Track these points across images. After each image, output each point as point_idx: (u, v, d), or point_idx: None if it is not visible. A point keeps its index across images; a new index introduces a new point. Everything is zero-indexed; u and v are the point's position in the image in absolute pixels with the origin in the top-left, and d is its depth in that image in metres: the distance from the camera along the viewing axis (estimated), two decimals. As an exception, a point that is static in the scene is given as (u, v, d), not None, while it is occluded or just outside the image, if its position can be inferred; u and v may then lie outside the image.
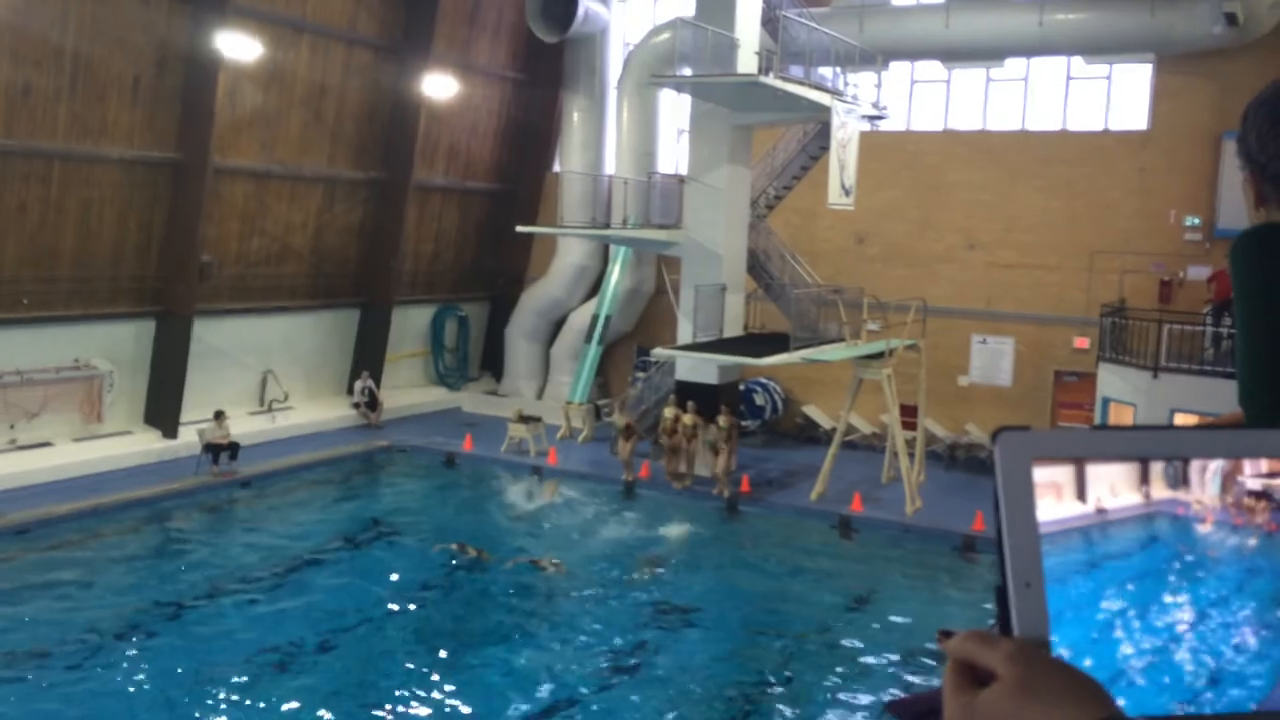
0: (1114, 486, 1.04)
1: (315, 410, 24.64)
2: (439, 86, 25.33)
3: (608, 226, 23.18)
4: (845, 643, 14.53)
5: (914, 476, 19.91)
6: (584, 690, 12.77)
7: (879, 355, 19.80)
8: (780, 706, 12.62)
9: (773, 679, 13.44)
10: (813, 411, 25.67)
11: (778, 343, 20.13)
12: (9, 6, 17.83)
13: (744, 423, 24.03)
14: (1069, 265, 23.64)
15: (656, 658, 13.93)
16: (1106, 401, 20.01)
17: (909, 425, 21.07)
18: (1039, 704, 0.90)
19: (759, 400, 25.33)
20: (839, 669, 13.65)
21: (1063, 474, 1.05)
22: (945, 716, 0.95)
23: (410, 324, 27.52)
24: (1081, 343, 23.17)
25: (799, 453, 23.82)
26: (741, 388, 23.90)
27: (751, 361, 20.21)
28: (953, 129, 25.22)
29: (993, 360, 24.47)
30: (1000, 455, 0.98)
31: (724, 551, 18.51)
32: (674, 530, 19.13)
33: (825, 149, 21.06)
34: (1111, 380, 19.93)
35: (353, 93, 24.52)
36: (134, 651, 13.16)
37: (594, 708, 12.29)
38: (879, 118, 23.03)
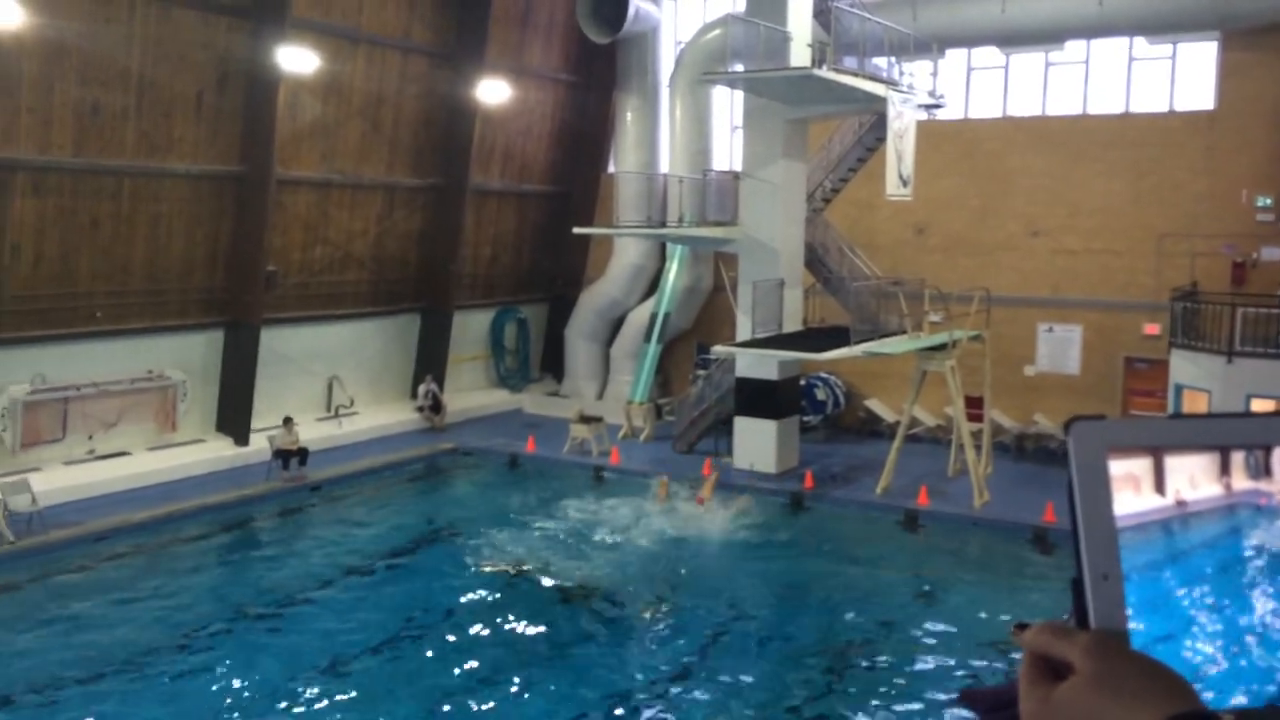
0: (1194, 478, 1.03)
1: (380, 415, 24.99)
2: (493, 91, 25.54)
3: (664, 225, 23.16)
4: (912, 637, 14.38)
5: (981, 469, 19.63)
6: (652, 685, 12.79)
7: (942, 347, 19.55)
8: (845, 702, 12.53)
9: (838, 674, 13.35)
10: (875, 405, 25.43)
11: (838, 337, 19.97)
12: (76, 31, 18.34)
13: (805, 418, 23.90)
14: (1137, 250, 23.14)
15: (721, 655, 13.91)
16: (1179, 388, 19.56)
17: (975, 417, 20.79)
18: (1118, 698, 0.88)
19: (820, 395, 25.16)
20: (905, 664, 13.51)
21: (1141, 466, 1.04)
22: (1021, 711, 0.94)
23: (471, 327, 27.78)
24: (1152, 329, 22.66)
25: (862, 447, 23.61)
26: (802, 383, 23.76)
27: (811, 356, 20.07)
28: (1012, 115, 24.80)
29: (1060, 348, 24.03)
30: (1075, 445, 0.97)
31: (789, 546, 18.42)
32: (738, 525, 19.07)
33: (882, 140, 20.84)
34: (1184, 366, 19.47)
35: (409, 100, 24.82)
36: (211, 655, 13.46)
37: (661, 703, 12.30)
38: (936, 106, 22.73)
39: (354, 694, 12.44)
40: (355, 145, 23.94)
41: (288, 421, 21.23)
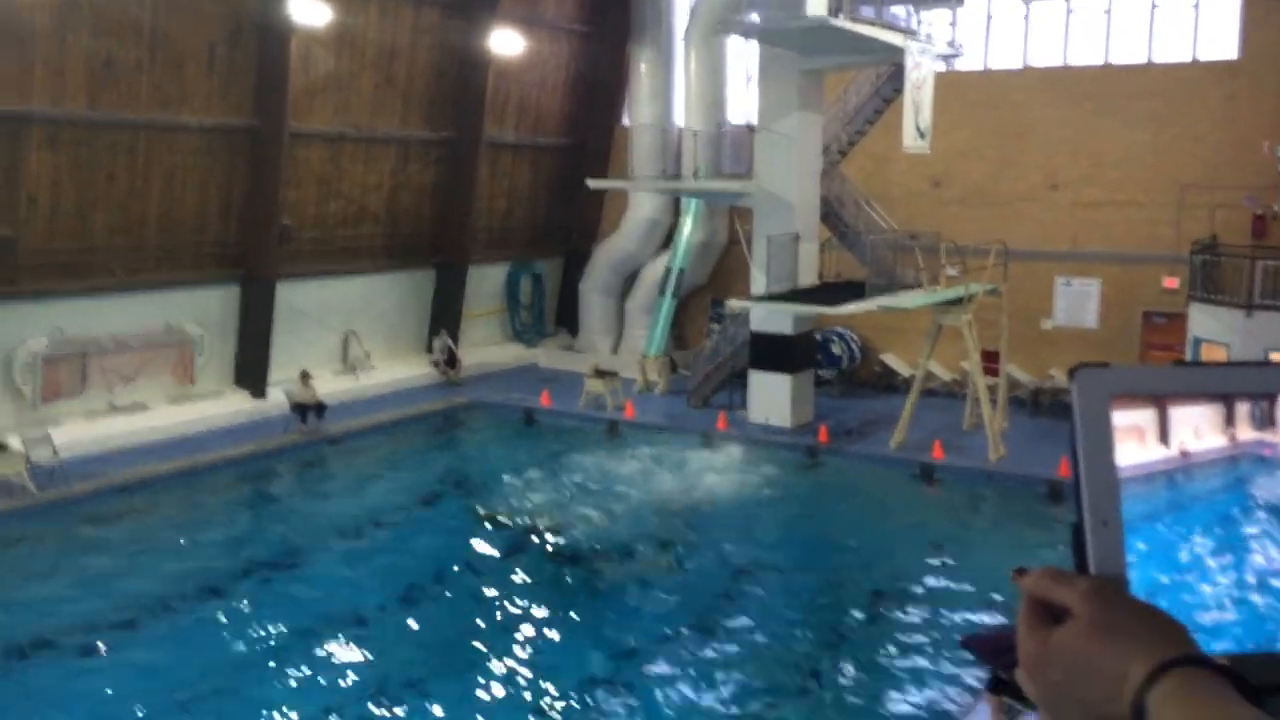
0: (1198, 429, 1.03)
1: (396, 369, 25.09)
2: (506, 42, 25.30)
3: (678, 178, 23.05)
4: (926, 588, 14.47)
5: (996, 423, 19.62)
6: (665, 638, 12.94)
7: (958, 301, 19.45)
8: (859, 653, 12.65)
9: (852, 626, 13.46)
10: (891, 360, 25.38)
11: (853, 291, 19.89)
12: (89, -19, 18.24)
13: (820, 372, 23.89)
14: (1157, 201, 22.88)
15: (735, 607, 14.04)
16: (1198, 342, 19.44)
17: (991, 371, 20.73)
18: (1114, 641, 0.89)
19: (836, 350, 25.12)
20: (919, 615, 13.61)
21: (1146, 418, 1.05)
22: (1020, 654, 0.95)
23: (485, 282, 27.77)
24: (1171, 282, 22.47)
25: (878, 401, 23.60)
26: (818, 337, 23.72)
27: (827, 310, 20.02)
28: (1032, 65, 24.45)
29: (1078, 302, 23.88)
30: (1078, 392, 0.98)
31: (803, 500, 18.50)
32: (753, 479, 19.17)
33: (899, 91, 20.60)
34: (1203, 320, 19.33)
35: (422, 53, 24.64)
36: (230, 605, 13.66)
37: (671, 658, 12.45)
38: (954, 56, 22.44)
39: (368, 645, 12.62)
40: (368, 98, 23.82)
41: (305, 376, 21.35)
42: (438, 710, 11.07)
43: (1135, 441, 1.04)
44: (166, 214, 20.61)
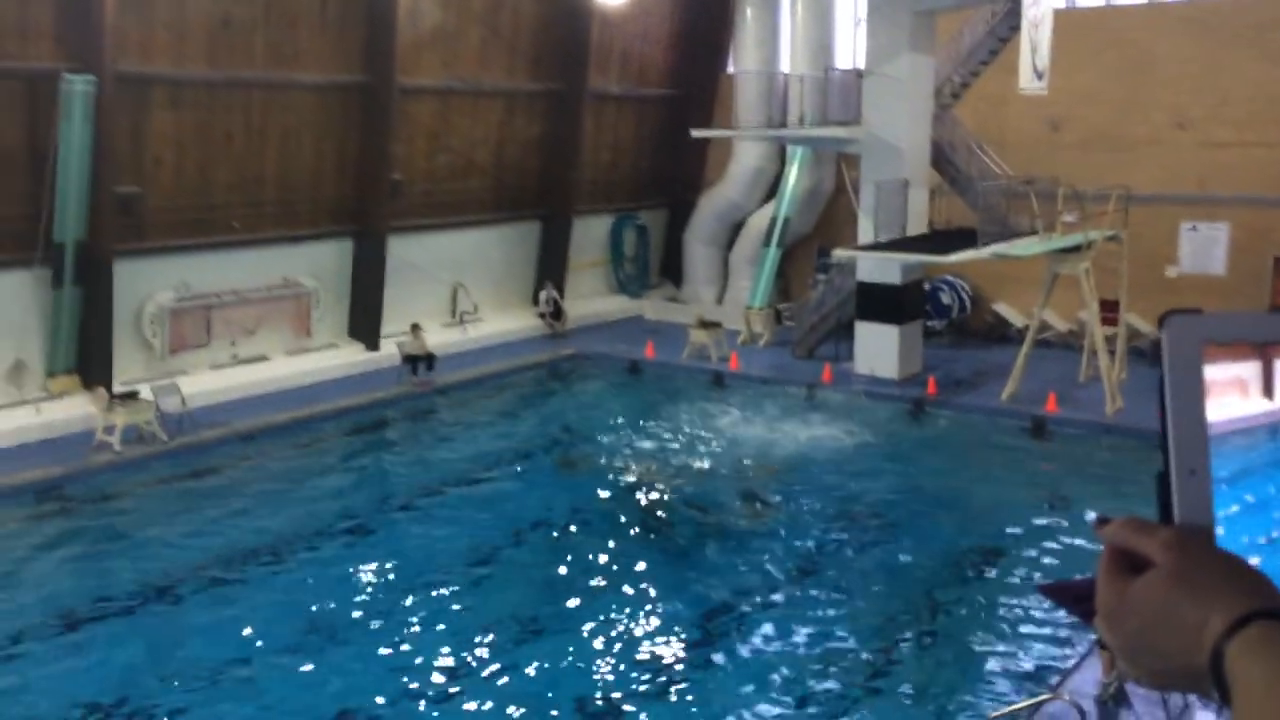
0: (1306, 382, 0.99)
1: (503, 321, 25.49)
2: (610, -8, 25.14)
3: (784, 126, 22.69)
4: (1037, 544, 14.18)
5: (1115, 375, 18.98)
6: (769, 590, 12.99)
7: (1076, 248, 18.79)
8: (968, 609, 12.50)
9: (963, 582, 13.29)
10: (1004, 309, 24.72)
11: (965, 239, 19.38)
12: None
13: (930, 323, 23.43)
14: (1293, 142, 21.63)
15: (837, 561, 14.00)
16: (1334, 290, 18.42)
17: (1109, 321, 20.02)
18: (1194, 591, 0.88)
19: (945, 299, 24.58)
20: (1030, 573, 13.36)
21: (1249, 370, 1.01)
22: (1098, 602, 0.95)
23: (590, 233, 27.91)
24: (1306, 226, 21.31)
25: (989, 352, 23.06)
26: (927, 287, 23.22)
27: (936, 260, 19.58)
28: (1157, 0, 23.24)
29: (1205, 248, 22.84)
30: (1168, 339, 0.96)
31: (910, 453, 18.26)
32: (858, 432, 18.98)
33: (1016, 30, 19.84)
34: (1341, 266, 18.30)
35: (527, 4, 24.68)
36: (348, 548, 14.20)
37: (776, 611, 12.50)
38: (1075, -8, 21.46)
39: (478, 589, 12.99)
40: (475, 51, 24.00)
41: (415, 328, 21.87)
42: (543, 652, 11.35)
43: (1237, 394, 1.01)
44: (282, 171, 21.21)
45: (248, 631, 11.69)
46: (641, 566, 13.70)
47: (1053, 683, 10.29)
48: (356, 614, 12.18)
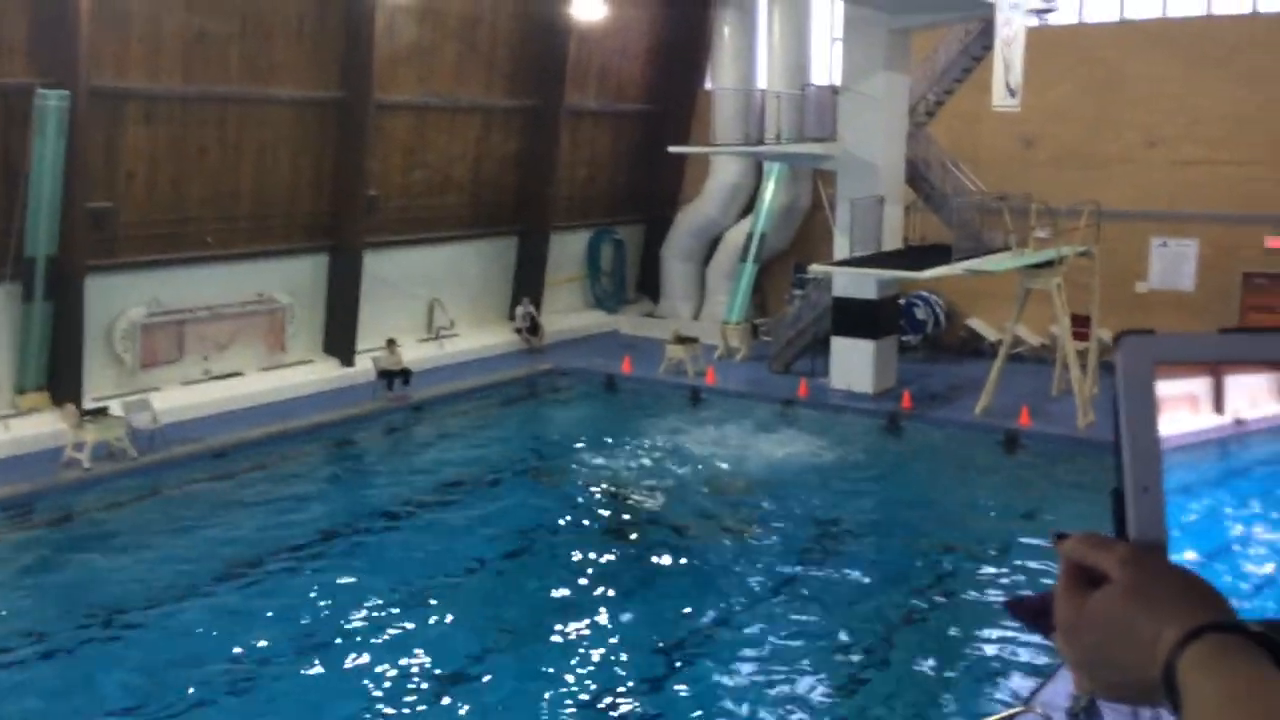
0: (1254, 397, 1.01)
1: (480, 336, 25.44)
2: (588, 8, 25.22)
3: (761, 142, 22.81)
4: (1008, 557, 14.25)
5: (1086, 389, 19.14)
6: (739, 607, 12.98)
7: (1048, 264, 18.96)
8: (940, 624, 12.53)
9: (934, 595, 13.33)
10: (977, 324, 24.90)
11: (939, 254, 19.53)
12: (180, -42, 18.67)
13: (904, 338, 23.56)
14: (1262, 160, 21.94)
15: (815, 574, 14.01)
16: (1302, 305, 18.67)
17: (1081, 336, 20.20)
18: (1148, 605, 0.90)
19: (920, 314, 24.73)
20: (1000, 584, 13.42)
21: (1200, 385, 1.02)
22: (1056, 616, 0.97)
23: (567, 249, 27.92)
24: (1274, 242, 21.62)
25: (963, 367, 23.21)
26: (902, 302, 23.36)
27: (911, 275, 19.70)
28: (1129, 18, 23.57)
29: (1174, 264, 23.10)
30: (1122, 359, 0.98)
31: (885, 467, 18.33)
32: (835, 446, 19.04)
33: (989, 48, 20.05)
34: (1308, 282, 18.55)
35: (504, 20, 24.73)
36: (319, 565, 14.08)
37: (750, 625, 12.49)
38: (1048, 11, 21.73)
39: (450, 609, 12.91)
40: (452, 67, 24.01)
41: (391, 343, 21.78)
42: (516, 674, 11.28)
43: (1188, 409, 1.02)
44: (257, 186, 21.11)
45: (218, 649, 11.56)
46: (615, 582, 13.65)
47: (1024, 696, 10.32)
48: (329, 631, 12.07)
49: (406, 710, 10.52)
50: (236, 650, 11.55)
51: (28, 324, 17.91)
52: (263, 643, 11.70)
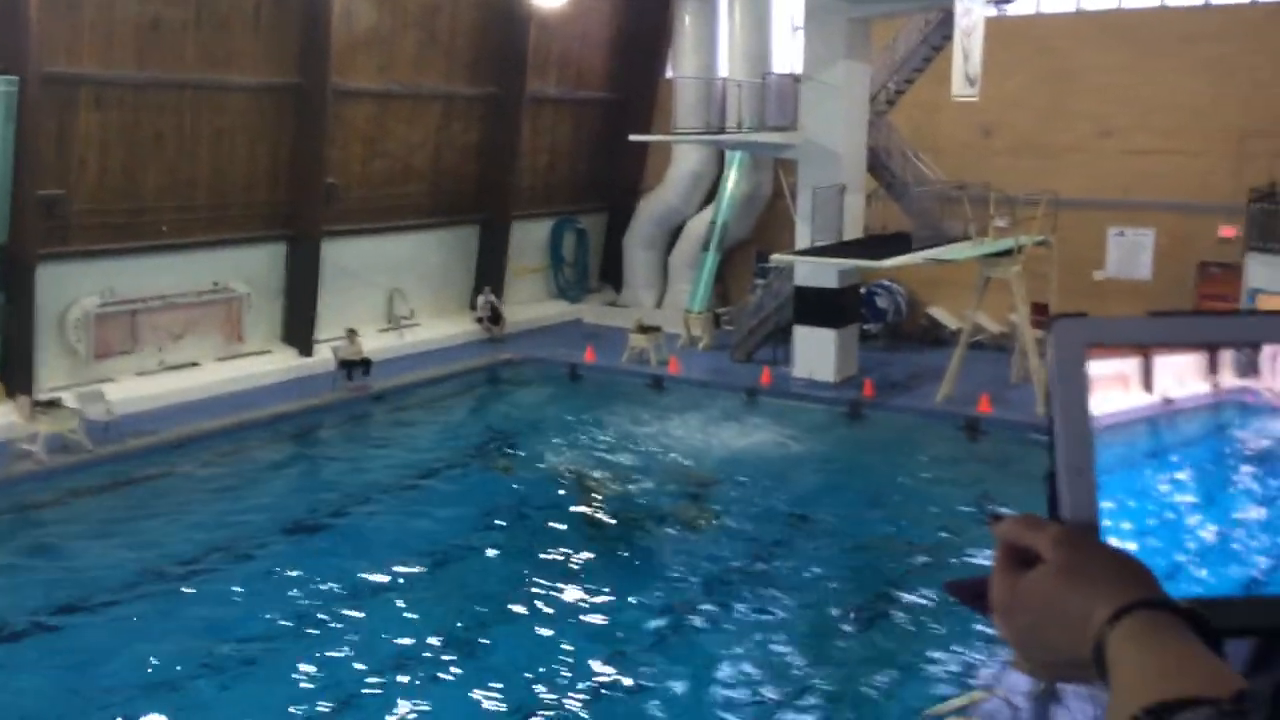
0: (1182, 377, 1.01)
1: (441, 326, 25.29)
2: (548, -5, 25.08)
3: (722, 131, 22.83)
4: (969, 542, 14.40)
5: (1045, 376, 19.33)
6: (705, 592, 13.03)
7: (1007, 253, 19.15)
8: (902, 609, 12.64)
9: (896, 584, 13.45)
10: (938, 313, 25.10)
11: (900, 243, 19.65)
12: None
13: (866, 326, 23.70)
14: (1215, 150, 22.26)
15: (775, 563, 14.08)
16: (1255, 293, 18.99)
17: (1040, 324, 20.42)
18: (1079, 585, 0.91)
19: (881, 303, 24.89)
20: (959, 570, 13.55)
21: (1130, 365, 1.03)
22: (991, 596, 0.98)
23: (529, 238, 27.81)
24: (1228, 231, 21.92)
25: (924, 355, 23.39)
26: (863, 290, 23.50)
27: (872, 265, 19.82)
28: (1084, 9, 23.81)
29: (1131, 253, 23.41)
30: (1055, 342, 0.98)
31: (847, 456, 18.45)
32: (797, 434, 19.14)
33: (948, 38, 20.18)
34: (1260, 270, 18.88)
35: (464, 8, 24.53)
36: (279, 557, 13.96)
37: (709, 615, 12.53)
38: (1006, 2, 21.89)
39: (413, 598, 12.85)
40: (412, 55, 23.80)
41: (351, 333, 21.61)
42: (483, 664, 11.25)
43: (1119, 389, 1.02)
44: (214, 174, 20.83)
45: (175, 643, 11.42)
46: (575, 572, 13.65)
47: (987, 680, 10.45)
48: (288, 622, 11.98)
49: (365, 701, 10.46)
50: (195, 641, 11.42)
51: (-23, 314, 17.57)
52: (227, 632, 11.58)
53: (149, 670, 10.85)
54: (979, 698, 9.82)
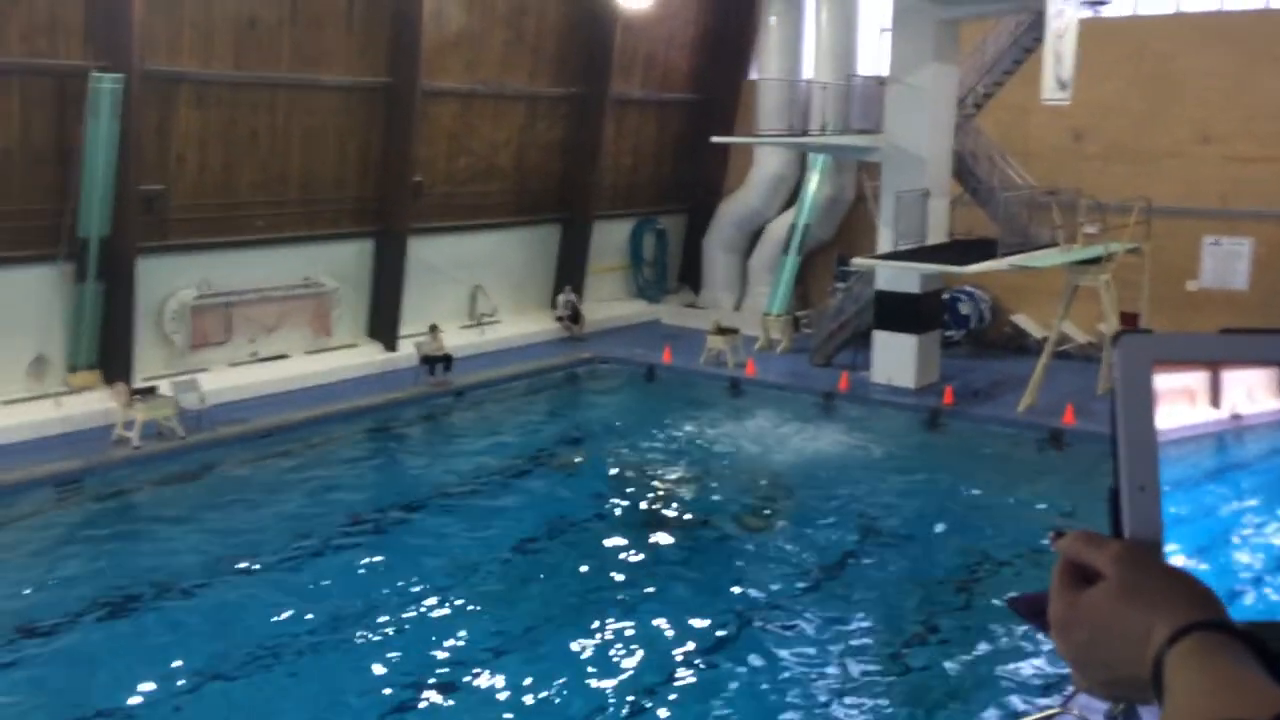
0: (1252, 393, 1.01)
1: (521, 324, 25.56)
2: (634, -3, 25.19)
3: (806, 133, 22.68)
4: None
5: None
6: (779, 601, 12.97)
7: (1096, 260, 18.69)
8: (979, 621, 12.43)
9: (974, 593, 13.23)
10: (1023, 321, 24.59)
11: (985, 249, 19.31)
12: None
13: (948, 333, 23.34)
14: (1319, 157, 21.43)
15: (850, 571, 13.95)
16: (1358, 307, 18.25)
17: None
18: (1139, 604, 0.91)
19: (964, 309, 24.48)
20: (1042, 585, 13.25)
21: (1198, 380, 1.02)
22: (1050, 613, 0.97)
23: (610, 238, 27.94)
24: (1331, 242, 21.11)
25: (1007, 363, 22.95)
26: (946, 296, 23.14)
27: (956, 270, 19.49)
28: (1184, 10, 23.11)
29: (1227, 263, 22.66)
30: (1120, 359, 0.98)
31: (925, 464, 18.19)
32: (874, 440, 18.93)
33: (1040, 40, 19.75)
34: (1365, 283, 18.13)
35: (551, 8, 24.76)
36: (361, 547, 14.26)
37: (784, 619, 12.47)
38: (1101, 3, 21.36)
39: (486, 593, 13.01)
40: (498, 55, 24.10)
41: (434, 329, 21.96)
42: (555, 661, 11.36)
43: (1185, 403, 1.02)
44: (305, 171, 21.35)
45: (256, 629, 11.76)
46: (650, 573, 13.69)
47: (1062, 696, 10.22)
48: (367, 613, 12.23)
49: (436, 693, 10.64)
50: (276, 625, 11.74)
51: (80, 304, 18.27)
52: (308, 617, 11.89)
53: (221, 655, 11.17)
54: (1052, 714, 9.62)
